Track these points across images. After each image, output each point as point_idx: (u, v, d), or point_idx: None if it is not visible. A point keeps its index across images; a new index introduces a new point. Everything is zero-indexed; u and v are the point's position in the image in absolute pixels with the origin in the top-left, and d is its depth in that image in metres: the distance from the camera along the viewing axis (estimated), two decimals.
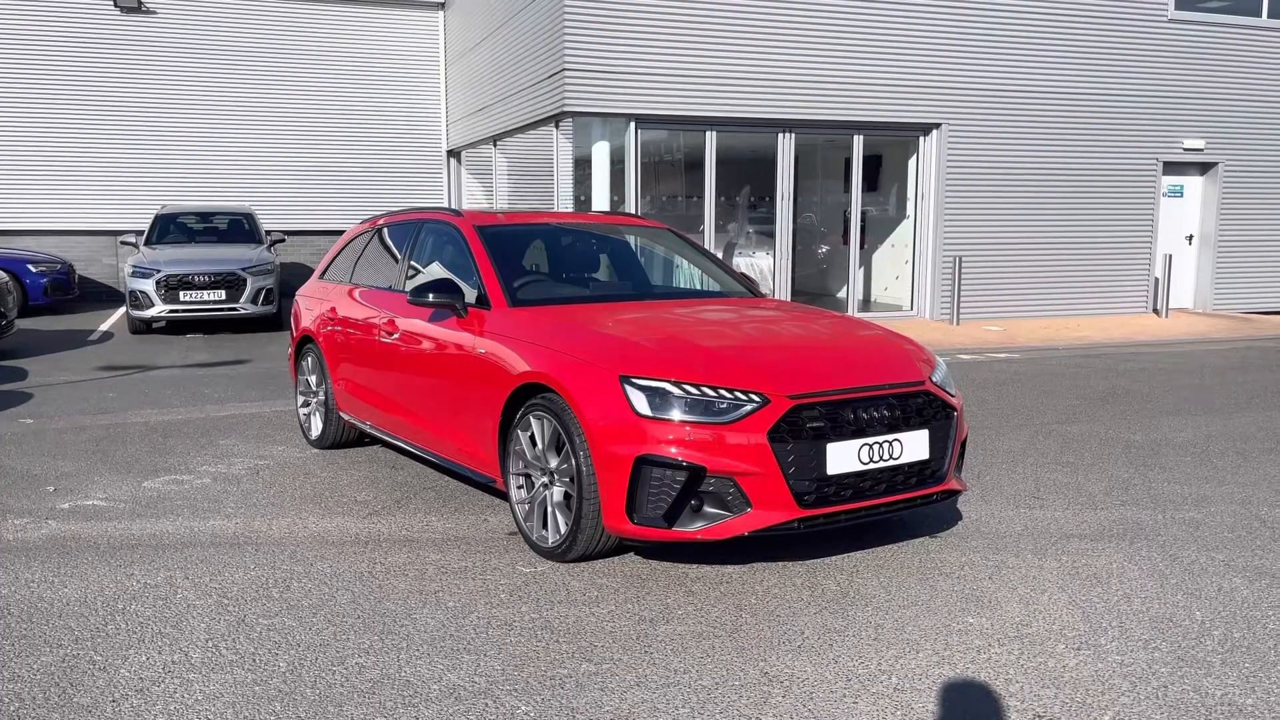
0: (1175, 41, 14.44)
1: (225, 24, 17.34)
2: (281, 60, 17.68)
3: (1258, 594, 4.02)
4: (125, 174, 17.03)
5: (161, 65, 17.09)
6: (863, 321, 5.29)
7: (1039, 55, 13.80)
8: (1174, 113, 14.62)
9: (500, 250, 5.28)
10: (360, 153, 18.19)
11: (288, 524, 4.90)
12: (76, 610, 3.82)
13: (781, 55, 12.71)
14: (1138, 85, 14.33)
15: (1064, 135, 14.09)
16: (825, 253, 15.47)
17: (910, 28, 13.19)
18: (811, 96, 12.94)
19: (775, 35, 12.66)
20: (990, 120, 13.73)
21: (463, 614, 3.78)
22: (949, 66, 13.42)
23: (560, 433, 4.21)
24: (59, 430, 6.97)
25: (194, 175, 17.29)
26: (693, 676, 3.28)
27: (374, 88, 18.20)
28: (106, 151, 16.96)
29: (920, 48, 13.28)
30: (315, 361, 6.51)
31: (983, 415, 7.56)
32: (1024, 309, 14.21)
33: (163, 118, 17.18)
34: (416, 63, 18.47)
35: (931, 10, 13.25)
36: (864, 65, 13.08)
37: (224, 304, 12.20)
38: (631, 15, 12.12)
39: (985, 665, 3.38)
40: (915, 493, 4.27)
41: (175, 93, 17.19)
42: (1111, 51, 14.11)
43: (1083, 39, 13.94)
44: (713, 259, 6.27)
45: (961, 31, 13.41)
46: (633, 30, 12.14)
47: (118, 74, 16.92)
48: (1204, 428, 7.21)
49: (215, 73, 17.34)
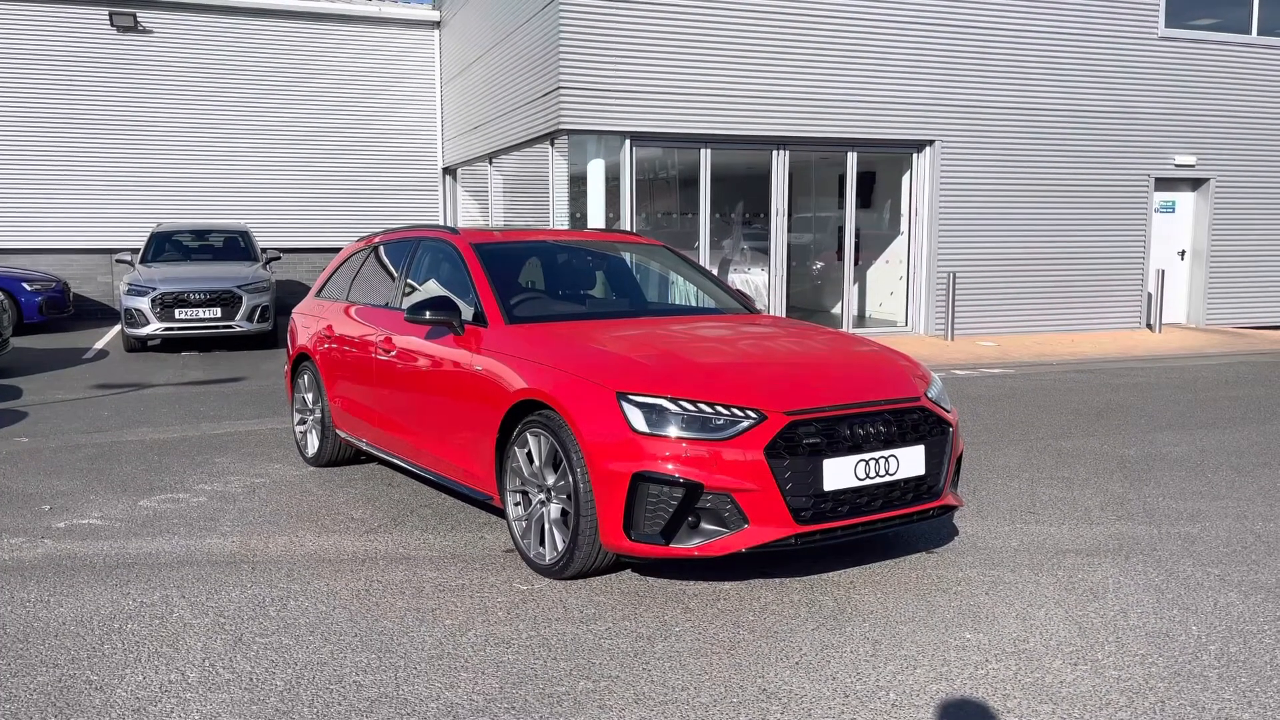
0: (1166, 58, 14.56)
1: (221, 43, 17.42)
2: (277, 79, 17.75)
3: (1253, 608, 4.03)
4: (121, 192, 17.06)
5: (157, 85, 17.15)
6: (858, 338, 5.31)
7: (1031, 73, 13.91)
8: (1165, 129, 14.73)
9: (496, 268, 5.30)
10: (356, 170, 18.25)
11: (284, 542, 4.89)
12: (72, 630, 3.81)
13: (776, 73, 12.80)
14: (1129, 102, 14.44)
15: (1057, 152, 14.18)
16: (820, 269, 15.52)
17: (903, 45, 13.29)
18: (805, 114, 13.02)
19: (769, 53, 12.75)
20: (983, 137, 13.82)
21: (460, 632, 3.78)
22: (942, 84, 13.52)
23: (557, 449, 4.22)
24: (54, 449, 6.96)
25: (189, 193, 17.32)
26: (691, 694, 3.28)
27: (370, 105, 18.28)
28: (102, 170, 16.99)
29: (913, 65, 13.38)
30: (312, 379, 6.51)
31: (978, 430, 7.58)
32: (1018, 324, 14.26)
33: (159, 137, 17.23)
34: (412, 81, 18.55)
35: (925, 28, 13.35)
36: (858, 82, 13.17)
37: (219, 321, 12.19)
38: (627, 33, 12.20)
39: (983, 681, 3.38)
40: (912, 508, 4.28)
41: (171, 112, 17.25)
42: (1103, 69, 14.23)
43: (1074, 57, 14.06)
44: (708, 275, 6.29)
45: (954, 49, 13.51)
46: (628, 48, 12.22)
47: (114, 93, 16.97)
48: (1198, 442, 7.23)
49: (211, 92, 17.40)
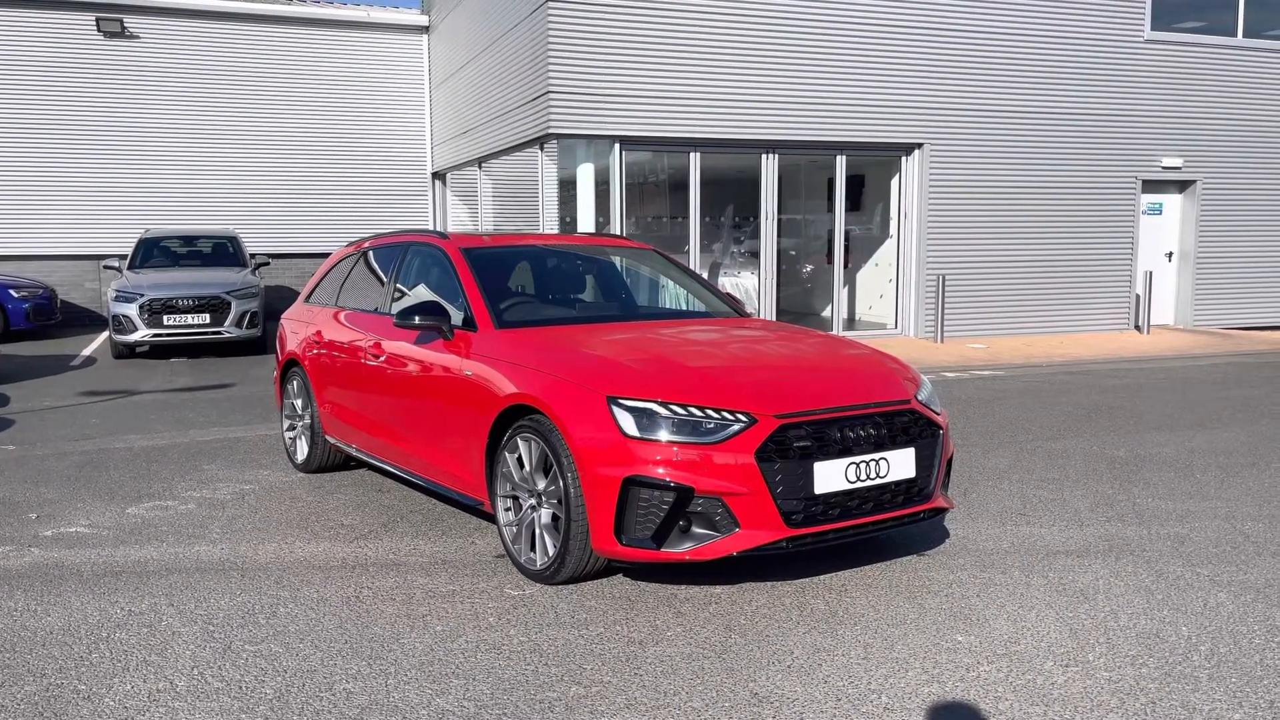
0: (1152, 61, 14.64)
1: (208, 48, 17.36)
2: (265, 84, 17.70)
3: (1243, 609, 4.04)
4: (108, 198, 16.97)
5: (144, 90, 17.08)
6: (848, 341, 5.32)
7: (1019, 75, 13.96)
8: (1152, 131, 14.80)
9: (486, 272, 5.29)
10: (345, 175, 18.20)
11: (274, 549, 4.87)
12: (60, 639, 3.78)
13: (765, 77, 12.82)
14: (1116, 105, 14.51)
15: (1044, 154, 14.24)
16: (810, 272, 15.54)
17: (892, 49, 13.33)
18: (794, 117, 13.04)
19: (758, 57, 12.77)
20: (972, 140, 13.86)
21: (451, 638, 3.77)
22: (930, 87, 13.56)
23: (548, 454, 4.21)
24: (41, 457, 6.91)
25: (177, 199, 17.24)
26: (682, 698, 3.27)
27: (359, 110, 18.24)
28: (89, 176, 16.91)
29: (902, 69, 13.41)
30: (301, 385, 6.49)
31: (968, 433, 7.59)
32: (1007, 326, 14.31)
33: (146, 142, 17.15)
34: (401, 86, 18.53)
35: (912, 32, 13.39)
36: (846, 86, 13.20)
37: (208, 328, 12.15)
38: (616, 38, 12.21)
39: (974, 683, 3.38)
40: (902, 511, 4.28)
41: (158, 117, 17.18)
42: (1090, 72, 14.29)
43: (1061, 60, 14.12)
44: (698, 279, 6.30)
45: (942, 53, 13.55)
46: (617, 53, 12.22)
47: (100, 98, 16.89)
48: (1187, 443, 7.26)
49: (198, 97, 17.34)
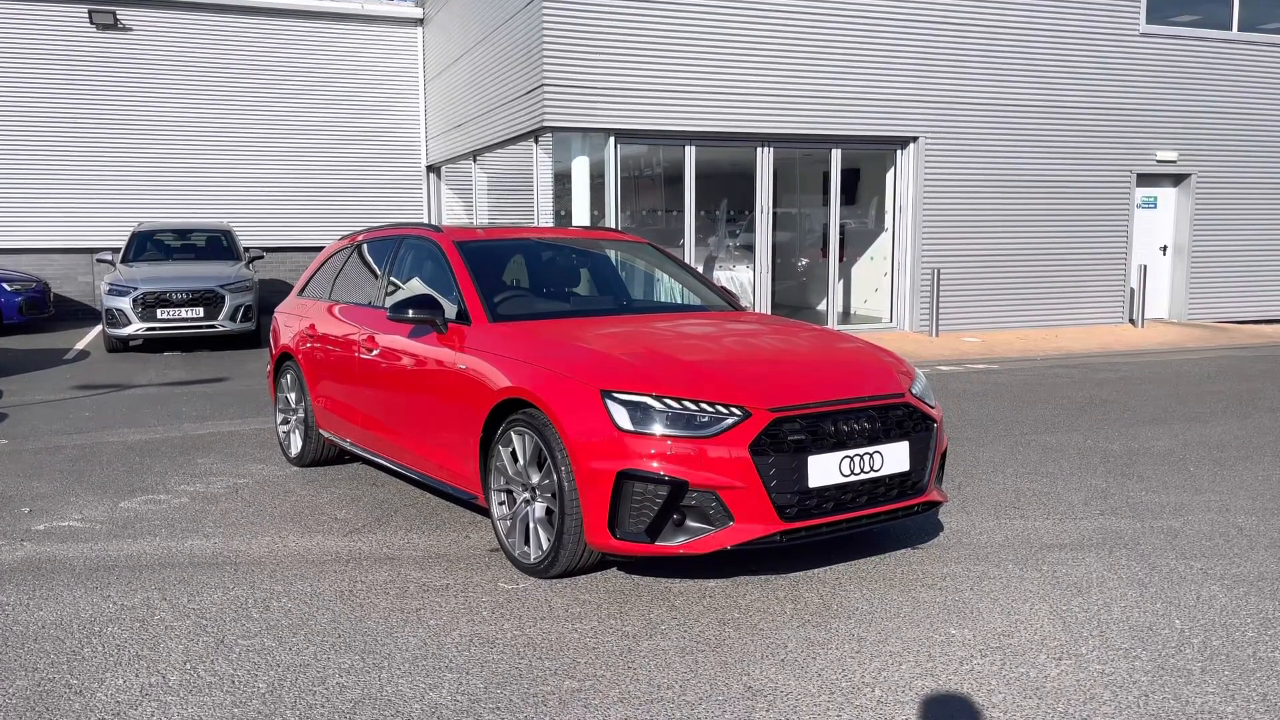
0: (1147, 55, 14.64)
1: (202, 41, 17.28)
2: (260, 76, 17.63)
3: (1236, 602, 4.05)
4: (101, 191, 16.91)
5: (138, 82, 17.01)
6: (842, 334, 5.31)
7: (1014, 69, 13.96)
8: (1147, 125, 14.81)
9: (480, 265, 5.28)
10: (339, 168, 18.15)
11: (267, 543, 4.86)
12: (52, 633, 3.77)
13: (760, 70, 12.80)
14: (1111, 98, 14.51)
15: (1039, 148, 14.24)
16: (805, 266, 15.54)
17: (887, 43, 13.31)
18: (790, 111, 13.02)
19: (754, 50, 12.75)
20: (966, 134, 13.86)
21: (444, 632, 3.76)
22: (925, 81, 13.55)
23: (542, 448, 4.20)
24: (34, 450, 6.89)
25: (171, 192, 17.18)
26: (676, 692, 3.27)
27: (353, 103, 18.19)
28: (82, 169, 16.84)
29: (897, 62, 13.40)
30: (294, 379, 6.47)
31: (962, 426, 7.60)
32: (1002, 320, 14.32)
33: (139, 136, 17.08)
34: (395, 79, 18.47)
35: (907, 26, 13.37)
36: (841, 80, 13.18)
37: (202, 321, 12.11)
38: (610, 31, 12.17)
39: (968, 676, 3.38)
40: (896, 504, 4.28)
41: (152, 110, 17.12)
42: (1084, 65, 14.29)
43: (1056, 53, 14.11)
44: (693, 273, 6.29)
45: (937, 46, 13.54)
46: (611, 46, 12.19)
47: (94, 91, 16.82)
48: (1180, 436, 7.28)
49: (192, 89, 17.27)
